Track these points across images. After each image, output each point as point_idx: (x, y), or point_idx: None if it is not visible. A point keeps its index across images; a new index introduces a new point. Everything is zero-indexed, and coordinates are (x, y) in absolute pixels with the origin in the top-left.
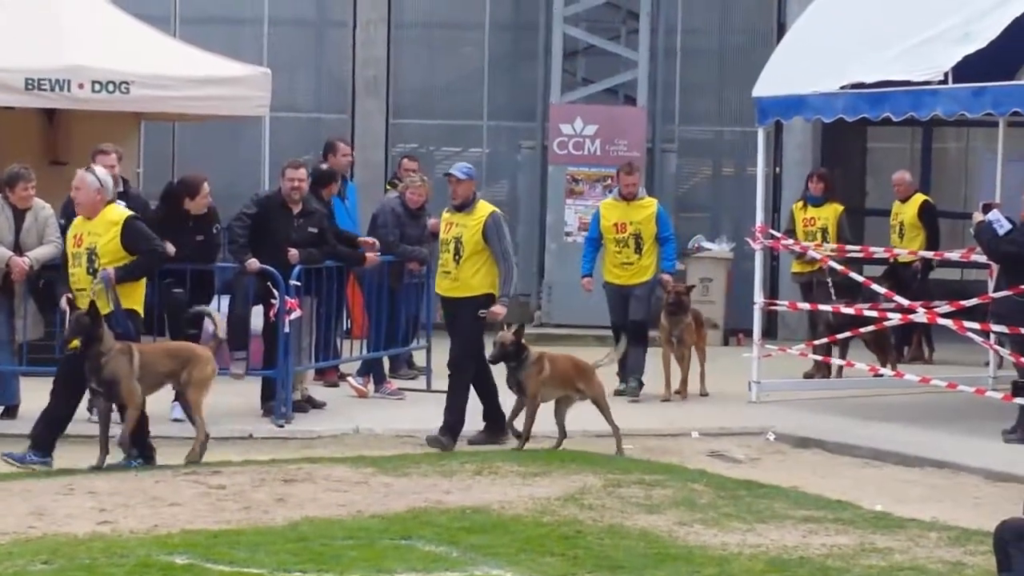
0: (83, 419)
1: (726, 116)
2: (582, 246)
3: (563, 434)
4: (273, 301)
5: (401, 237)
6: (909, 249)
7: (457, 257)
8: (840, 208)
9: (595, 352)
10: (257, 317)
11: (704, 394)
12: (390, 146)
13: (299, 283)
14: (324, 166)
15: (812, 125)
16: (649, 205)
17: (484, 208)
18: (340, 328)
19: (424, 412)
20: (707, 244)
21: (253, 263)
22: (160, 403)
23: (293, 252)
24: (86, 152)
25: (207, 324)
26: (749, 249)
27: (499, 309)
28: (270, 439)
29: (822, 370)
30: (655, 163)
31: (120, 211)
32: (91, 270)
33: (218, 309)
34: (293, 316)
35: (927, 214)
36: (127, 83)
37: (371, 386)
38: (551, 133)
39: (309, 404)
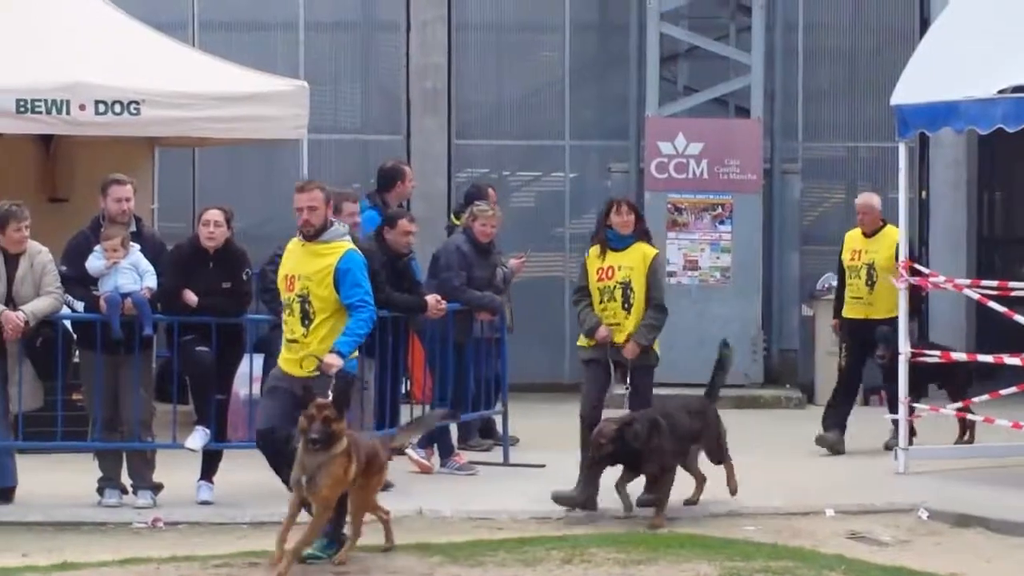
0: (92, 504)
1: (859, 129)
2: (689, 290)
3: None
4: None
5: (468, 281)
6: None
7: None
8: (651, 252)
9: None
10: None
11: None
12: (453, 172)
13: None
14: (389, 163)
15: (966, 138)
16: (331, 253)
17: None
18: (398, 391)
19: (501, 490)
20: None
21: None
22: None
23: None
24: (90, 186)
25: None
26: None
27: None
28: None
29: (967, 433)
30: (774, 187)
31: None
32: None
33: (250, 369)
34: None
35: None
36: (137, 103)
37: (435, 459)
38: (648, 153)
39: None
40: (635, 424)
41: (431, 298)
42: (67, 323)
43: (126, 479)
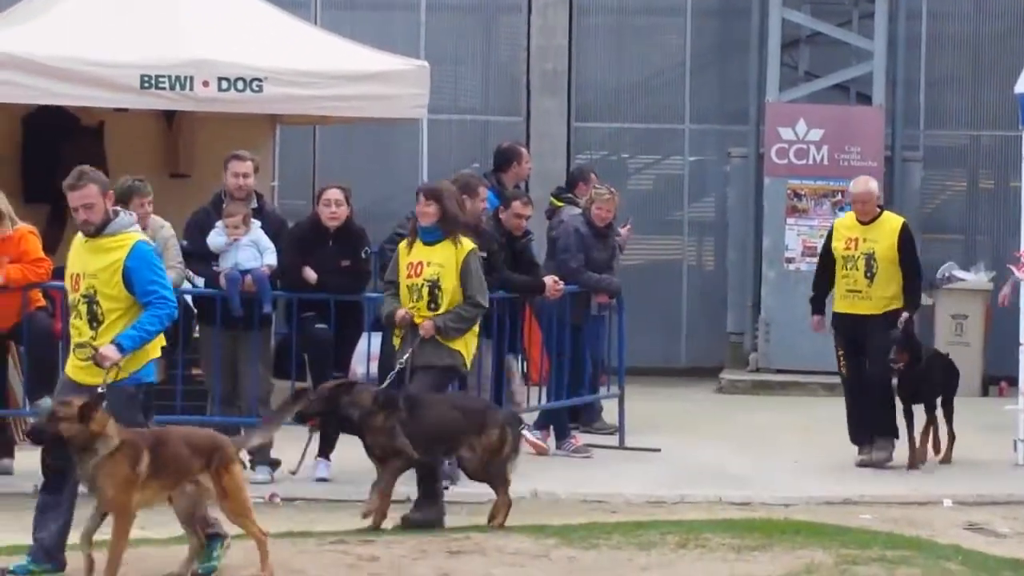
0: None
1: (982, 118)
2: (807, 276)
3: None
4: None
5: (586, 263)
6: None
7: None
8: (466, 248)
9: (821, 404)
10: None
11: None
12: (572, 154)
13: None
14: (505, 144)
15: None
16: (118, 247)
17: None
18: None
19: (616, 473)
20: (960, 273)
21: None
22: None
23: None
24: (211, 163)
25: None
26: (1013, 278)
27: None
28: None
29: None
30: (895, 174)
31: None
32: None
33: (367, 347)
34: None
35: (907, 244)
36: (260, 80)
37: (551, 441)
38: (767, 138)
39: None
40: (360, 391)
41: (549, 279)
42: (188, 298)
43: (244, 454)
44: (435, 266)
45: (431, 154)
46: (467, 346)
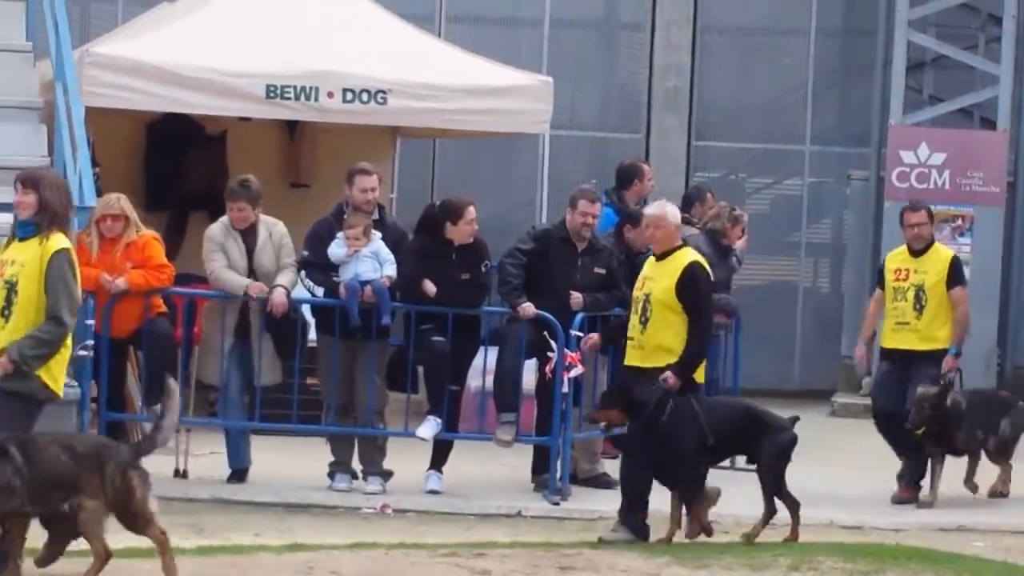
0: (322, 487)
1: None
2: None
3: None
4: (550, 354)
5: None
6: None
7: None
8: (55, 246)
9: None
10: (530, 373)
11: None
12: (691, 173)
13: (581, 333)
14: (627, 161)
15: None
16: None
17: None
18: None
19: (726, 493)
20: None
21: (528, 308)
22: None
23: (576, 297)
24: (332, 173)
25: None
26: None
27: None
28: (543, 518)
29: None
30: (1017, 201)
31: None
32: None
33: (484, 362)
34: (574, 373)
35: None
36: (384, 92)
37: None
38: (889, 161)
39: (603, 482)
40: None
41: None
42: (306, 308)
43: (357, 465)
44: (17, 265)
45: (550, 170)
46: (50, 371)
